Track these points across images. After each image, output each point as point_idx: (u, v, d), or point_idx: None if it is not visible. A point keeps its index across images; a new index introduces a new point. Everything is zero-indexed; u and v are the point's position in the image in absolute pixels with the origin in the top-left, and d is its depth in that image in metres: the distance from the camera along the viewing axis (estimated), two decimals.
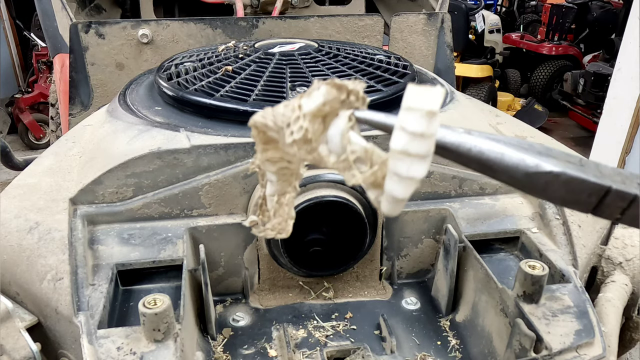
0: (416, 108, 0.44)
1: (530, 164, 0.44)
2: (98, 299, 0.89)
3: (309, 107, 0.49)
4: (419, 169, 0.45)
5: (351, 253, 1.08)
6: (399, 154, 0.45)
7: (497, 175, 0.46)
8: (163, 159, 1.04)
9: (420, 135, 0.44)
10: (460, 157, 0.46)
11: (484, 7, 6.84)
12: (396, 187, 0.46)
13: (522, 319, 0.86)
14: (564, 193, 0.45)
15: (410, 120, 0.44)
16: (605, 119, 3.65)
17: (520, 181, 0.45)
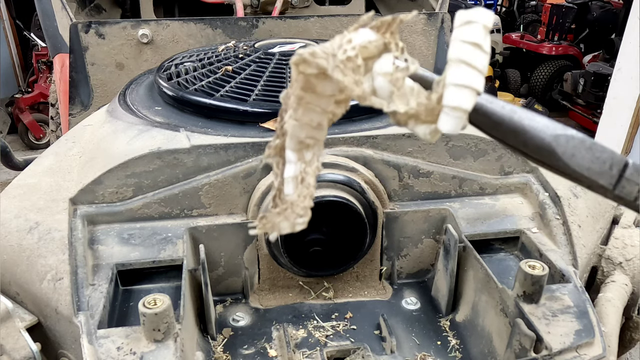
0: (474, 20, 0.46)
1: (558, 127, 0.46)
2: (98, 299, 0.89)
3: (358, 40, 0.49)
4: (477, 80, 0.46)
5: (351, 253, 1.08)
6: (459, 63, 0.46)
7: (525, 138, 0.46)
8: (163, 159, 1.04)
9: (478, 45, 0.45)
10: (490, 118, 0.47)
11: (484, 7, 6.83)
12: (458, 96, 0.45)
13: (522, 318, 0.86)
14: (590, 161, 0.46)
15: (468, 32, 0.45)
16: (605, 119, 3.65)
17: (548, 145, 0.46)
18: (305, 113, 0.53)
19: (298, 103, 0.53)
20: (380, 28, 0.50)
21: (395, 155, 1.11)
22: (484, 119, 0.47)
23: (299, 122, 0.54)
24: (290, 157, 0.56)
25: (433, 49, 2.07)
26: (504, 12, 8.52)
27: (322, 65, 0.49)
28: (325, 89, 0.51)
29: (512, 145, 0.48)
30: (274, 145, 0.57)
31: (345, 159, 1.07)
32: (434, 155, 1.14)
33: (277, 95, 1.17)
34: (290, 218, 0.56)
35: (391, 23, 0.50)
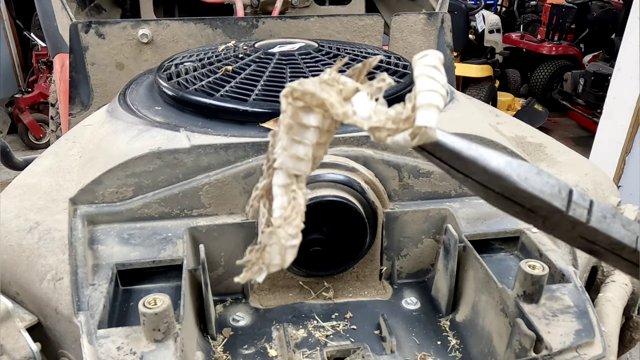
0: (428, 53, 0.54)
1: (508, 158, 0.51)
2: (98, 298, 0.89)
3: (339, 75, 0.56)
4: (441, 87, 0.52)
5: (351, 253, 1.08)
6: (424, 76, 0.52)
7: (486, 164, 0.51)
8: (163, 158, 1.04)
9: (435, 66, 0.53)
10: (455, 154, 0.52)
11: (484, 7, 6.84)
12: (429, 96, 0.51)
13: (522, 318, 0.86)
14: (541, 184, 0.50)
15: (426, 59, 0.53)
16: (605, 119, 3.65)
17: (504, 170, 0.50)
18: (292, 144, 0.57)
19: (287, 133, 0.57)
20: (354, 75, 0.57)
21: (395, 155, 1.11)
22: (445, 152, 0.52)
23: (287, 152, 0.58)
24: (277, 192, 0.59)
25: (433, 48, 2.07)
26: (504, 12, 8.52)
27: (310, 89, 0.55)
28: (311, 120, 0.56)
29: (472, 176, 0.52)
30: (262, 185, 0.60)
31: (345, 158, 1.07)
32: None
33: (277, 95, 1.17)
34: (282, 239, 0.56)
35: (362, 69, 0.57)
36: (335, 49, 1.46)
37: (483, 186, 0.52)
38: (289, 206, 0.58)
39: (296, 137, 0.57)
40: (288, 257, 0.57)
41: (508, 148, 1.17)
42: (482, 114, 1.38)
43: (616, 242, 0.51)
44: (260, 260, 0.57)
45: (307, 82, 0.55)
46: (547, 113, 6.15)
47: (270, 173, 0.59)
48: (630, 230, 0.52)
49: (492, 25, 6.44)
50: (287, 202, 0.58)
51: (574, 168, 1.22)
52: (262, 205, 0.61)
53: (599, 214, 0.51)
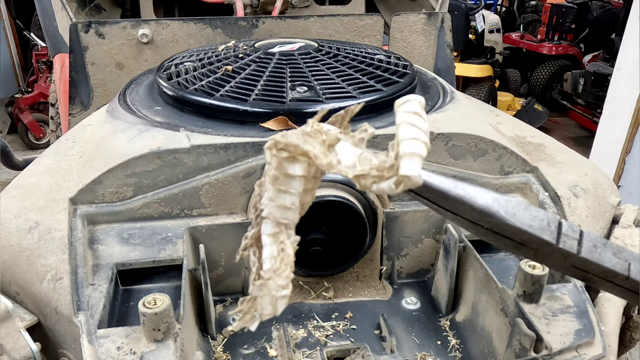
0: (410, 99, 0.55)
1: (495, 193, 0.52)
2: (98, 298, 0.89)
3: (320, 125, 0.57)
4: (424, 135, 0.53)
5: (351, 253, 1.08)
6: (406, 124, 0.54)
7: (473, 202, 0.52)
8: (163, 158, 1.04)
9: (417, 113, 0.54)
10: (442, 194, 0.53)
11: (484, 7, 6.84)
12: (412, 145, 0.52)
13: (522, 318, 0.86)
14: (529, 219, 0.52)
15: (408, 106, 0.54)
16: (605, 118, 3.65)
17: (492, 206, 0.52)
18: (279, 194, 0.59)
19: (273, 184, 0.58)
20: (336, 122, 0.59)
21: None
22: (431, 193, 0.53)
23: (274, 202, 0.59)
24: (266, 241, 0.60)
25: (433, 48, 2.07)
26: (504, 12, 8.52)
27: (293, 142, 0.56)
28: (296, 170, 0.58)
29: (461, 215, 0.53)
30: (250, 234, 0.61)
31: None
32: (434, 155, 1.14)
33: (277, 95, 1.17)
34: (272, 290, 0.57)
35: (344, 116, 0.59)
36: (335, 49, 1.46)
37: (472, 223, 0.53)
38: (278, 257, 0.59)
39: (282, 187, 0.58)
40: (279, 306, 0.58)
41: (508, 148, 1.17)
42: (482, 113, 1.38)
43: (608, 270, 0.52)
44: (252, 309, 0.58)
45: (290, 135, 0.56)
46: (547, 113, 6.15)
47: (259, 222, 0.60)
48: (621, 258, 0.53)
49: (492, 25, 6.44)
50: (277, 253, 0.59)
51: (573, 168, 1.22)
52: (252, 254, 0.61)
53: (589, 244, 0.52)
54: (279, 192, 0.59)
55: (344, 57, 1.40)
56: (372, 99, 1.18)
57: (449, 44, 2.08)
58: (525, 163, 1.19)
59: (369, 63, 1.37)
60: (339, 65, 1.34)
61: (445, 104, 1.31)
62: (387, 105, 1.20)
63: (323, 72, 1.29)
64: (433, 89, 1.42)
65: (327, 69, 1.31)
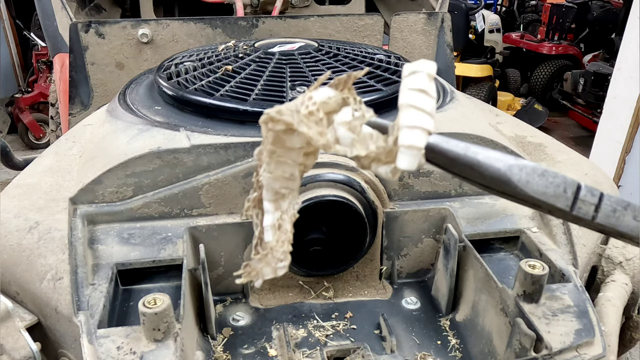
0: (418, 70, 0.51)
1: (511, 159, 0.50)
2: (98, 298, 0.89)
3: (318, 97, 0.55)
4: (427, 121, 0.51)
5: (351, 253, 1.08)
6: (409, 107, 0.51)
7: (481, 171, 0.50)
8: (163, 158, 1.04)
9: (424, 91, 0.51)
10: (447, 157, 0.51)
11: (484, 7, 6.84)
12: (411, 136, 0.51)
13: (522, 318, 0.86)
14: (544, 187, 0.49)
15: (414, 80, 0.51)
16: (605, 118, 3.65)
17: (503, 175, 0.49)
18: (277, 166, 0.58)
19: (270, 157, 0.58)
20: (339, 85, 0.56)
21: None
22: (441, 157, 0.51)
23: (272, 174, 0.59)
24: (268, 207, 0.60)
25: (433, 48, 2.07)
26: (504, 11, 8.52)
27: (288, 121, 0.55)
28: (294, 142, 0.57)
29: (471, 179, 0.51)
30: (252, 197, 0.61)
31: (345, 158, 1.07)
32: None
33: (277, 94, 1.17)
34: (271, 263, 0.59)
35: (347, 80, 0.56)
36: (335, 49, 1.46)
37: (484, 186, 0.52)
38: (277, 232, 0.60)
39: (280, 159, 0.58)
40: (279, 272, 0.60)
41: (508, 148, 1.17)
42: (482, 113, 1.38)
43: (625, 234, 0.50)
44: (254, 272, 0.60)
45: (284, 112, 0.55)
46: (547, 113, 6.15)
47: (260, 186, 0.60)
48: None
49: (492, 25, 6.44)
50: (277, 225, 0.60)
51: (574, 168, 1.22)
52: (254, 216, 0.62)
53: (608, 208, 0.49)
54: (278, 164, 0.58)
55: (344, 57, 1.40)
56: (372, 99, 1.18)
57: (449, 43, 2.08)
58: None
59: (369, 63, 1.37)
60: (339, 65, 1.34)
61: (446, 103, 1.30)
62: (387, 105, 1.20)
63: (323, 72, 1.29)
64: None
65: (327, 68, 1.31)
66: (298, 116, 0.55)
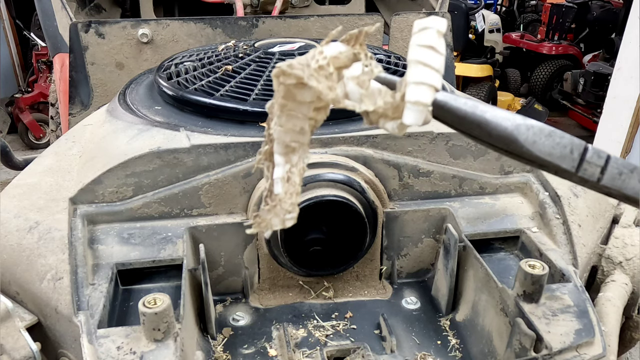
0: (429, 27, 0.51)
1: (518, 118, 0.50)
2: (98, 298, 0.89)
3: (329, 52, 0.56)
4: (434, 78, 0.51)
5: (351, 252, 1.08)
6: (417, 63, 0.51)
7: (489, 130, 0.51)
8: (163, 158, 1.04)
9: (433, 48, 0.51)
10: (455, 115, 0.52)
11: (484, 7, 6.84)
12: (417, 92, 0.51)
13: (522, 318, 0.86)
14: (550, 147, 0.50)
15: (424, 37, 0.51)
16: (605, 118, 3.65)
17: (510, 135, 0.50)
18: (288, 119, 0.59)
19: (281, 111, 0.59)
20: (350, 41, 0.57)
21: (395, 154, 1.11)
22: (449, 115, 0.52)
23: (283, 127, 0.60)
24: (279, 160, 0.62)
25: None
26: (504, 11, 8.52)
27: (299, 75, 0.55)
28: (304, 96, 0.57)
29: (478, 137, 0.52)
30: (263, 150, 0.63)
31: (345, 158, 1.07)
32: (434, 154, 1.14)
33: None
34: (280, 214, 0.61)
35: (358, 36, 0.57)
36: None
37: (491, 145, 0.52)
38: (284, 188, 0.61)
39: (292, 113, 0.58)
40: (287, 223, 0.61)
41: None
42: None
43: (630, 197, 0.50)
44: (264, 223, 0.61)
45: (296, 66, 0.55)
46: (547, 113, 6.15)
47: (271, 139, 0.61)
48: None
49: (492, 25, 6.44)
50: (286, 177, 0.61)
51: None
52: (265, 168, 0.63)
53: (614, 171, 0.50)
54: (288, 117, 0.59)
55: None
56: None
57: (449, 43, 2.08)
58: None
59: None
60: None
61: None
62: None
63: None
64: None
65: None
66: (308, 70, 0.55)
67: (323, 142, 1.09)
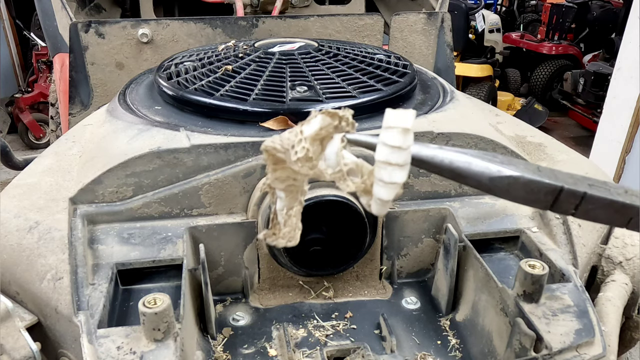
0: (394, 126, 0.55)
1: (494, 170, 0.54)
2: (98, 298, 0.89)
3: (308, 132, 0.61)
4: (399, 175, 0.56)
5: (351, 252, 1.08)
6: (382, 164, 0.56)
7: (467, 181, 0.56)
8: (163, 158, 1.04)
9: (398, 148, 0.55)
10: (435, 167, 0.57)
11: (484, 7, 6.83)
12: (382, 191, 0.57)
13: (522, 318, 0.86)
14: (524, 193, 0.54)
15: (389, 137, 0.55)
16: (605, 118, 3.65)
17: (486, 185, 0.55)
18: (280, 174, 0.65)
19: (272, 171, 0.64)
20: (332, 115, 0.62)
21: None
22: (429, 167, 0.57)
23: (277, 179, 0.65)
24: (279, 194, 0.67)
25: (433, 48, 2.07)
26: (504, 11, 8.52)
27: (282, 158, 0.62)
28: (290, 166, 0.63)
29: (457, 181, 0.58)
30: (267, 183, 0.68)
31: None
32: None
33: (277, 94, 1.17)
34: (283, 240, 0.68)
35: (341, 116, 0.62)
36: (335, 49, 1.46)
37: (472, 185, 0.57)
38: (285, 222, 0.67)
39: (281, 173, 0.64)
40: (290, 244, 0.68)
41: (508, 147, 1.17)
42: (482, 113, 1.38)
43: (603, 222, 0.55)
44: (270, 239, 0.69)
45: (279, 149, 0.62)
46: (547, 113, 6.15)
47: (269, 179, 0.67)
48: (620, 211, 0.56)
49: (492, 25, 6.44)
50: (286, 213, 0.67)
51: (574, 167, 1.22)
52: (270, 194, 0.69)
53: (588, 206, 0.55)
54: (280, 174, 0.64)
55: (344, 57, 1.40)
56: (372, 99, 1.18)
57: (449, 43, 2.08)
58: None
59: (369, 63, 1.37)
60: (339, 65, 1.34)
61: (445, 103, 1.30)
62: (387, 105, 1.20)
63: (323, 72, 1.29)
64: (433, 88, 1.42)
65: (327, 68, 1.31)
66: (291, 154, 0.61)
67: None
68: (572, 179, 0.56)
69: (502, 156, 0.58)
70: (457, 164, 0.55)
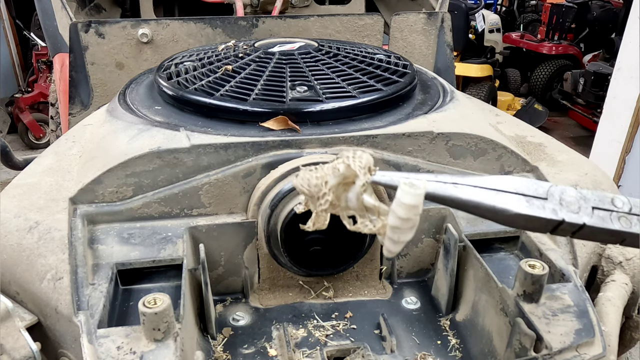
0: (405, 204, 0.64)
1: (500, 209, 0.64)
2: (98, 298, 0.89)
3: (332, 182, 0.70)
4: (407, 236, 0.66)
5: (351, 252, 1.08)
6: (392, 228, 0.66)
7: (477, 213, 0.66)
8: (163, 158, 1.04)
9: (407, 219, 0.65)
10: (449, 203, 0.66)
11: (484, 7, 6.84)
12: (391, 246, 0.68)
13: (522, 318, 0.86)
14: (526, 223, 0.65)
15: (400, 210, 0.64)
16: (605, 118, 3.65)
17: (494, 218, 0.66)
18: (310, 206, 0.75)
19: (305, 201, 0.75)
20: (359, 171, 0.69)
21: (396, 154, 1.11)
22: (439, 200, 0.66)
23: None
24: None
25: (433, 48, 2.07)
26: (504, 11, 8.52)
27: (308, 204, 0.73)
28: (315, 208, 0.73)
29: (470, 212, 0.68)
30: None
31: None
32: (434, 154, 1.14)
33: (277, 94, 1.17)
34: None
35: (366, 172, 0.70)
36: (335, 49, 1.46)
37: None
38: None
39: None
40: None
41: (508, 147, 1.17)
42: (482, 113, 1.38)
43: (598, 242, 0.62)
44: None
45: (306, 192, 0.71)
46: (547, 113, 6.15)
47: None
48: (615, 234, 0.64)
49: (492, 25, 6.44)
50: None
51: (574, 167, 1.22)
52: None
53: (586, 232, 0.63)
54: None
55: (344, 57, 1.40)
56: (372, 99, 1.18)
57: (449, 43, 2.08)
58: (525, 163, 1.19)
59: (369, 63, 1.37)
60: (339, 65, 1.34)
61: (445, 103, 1.30)
62: (387, 105, 1.20)
63: (323, 72, 1.29)
64: (433, 88, 1.42)
65: (327, 68, 1.31)
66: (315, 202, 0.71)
67: (323, 142, 1.09)
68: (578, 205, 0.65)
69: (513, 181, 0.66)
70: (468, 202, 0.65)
